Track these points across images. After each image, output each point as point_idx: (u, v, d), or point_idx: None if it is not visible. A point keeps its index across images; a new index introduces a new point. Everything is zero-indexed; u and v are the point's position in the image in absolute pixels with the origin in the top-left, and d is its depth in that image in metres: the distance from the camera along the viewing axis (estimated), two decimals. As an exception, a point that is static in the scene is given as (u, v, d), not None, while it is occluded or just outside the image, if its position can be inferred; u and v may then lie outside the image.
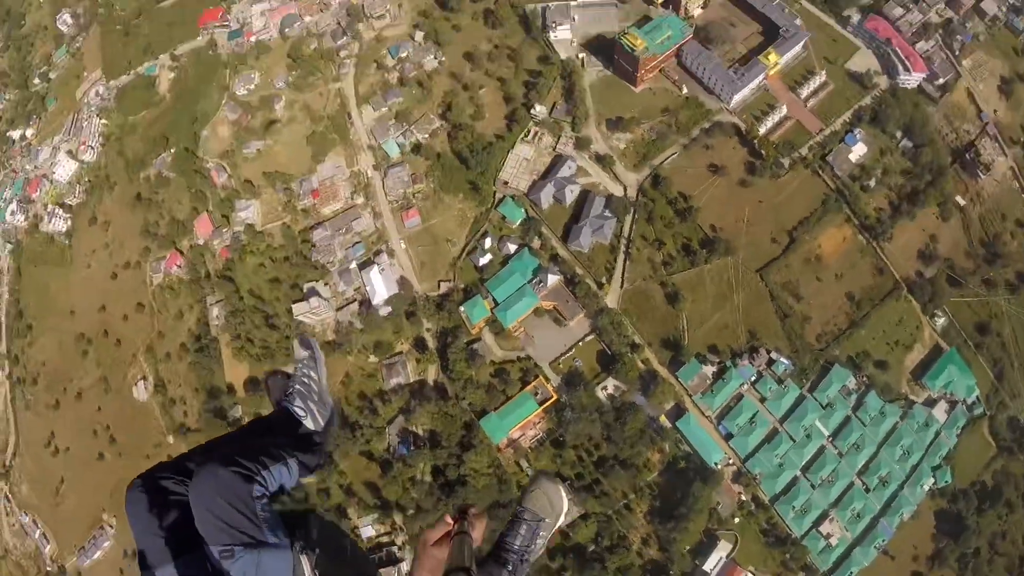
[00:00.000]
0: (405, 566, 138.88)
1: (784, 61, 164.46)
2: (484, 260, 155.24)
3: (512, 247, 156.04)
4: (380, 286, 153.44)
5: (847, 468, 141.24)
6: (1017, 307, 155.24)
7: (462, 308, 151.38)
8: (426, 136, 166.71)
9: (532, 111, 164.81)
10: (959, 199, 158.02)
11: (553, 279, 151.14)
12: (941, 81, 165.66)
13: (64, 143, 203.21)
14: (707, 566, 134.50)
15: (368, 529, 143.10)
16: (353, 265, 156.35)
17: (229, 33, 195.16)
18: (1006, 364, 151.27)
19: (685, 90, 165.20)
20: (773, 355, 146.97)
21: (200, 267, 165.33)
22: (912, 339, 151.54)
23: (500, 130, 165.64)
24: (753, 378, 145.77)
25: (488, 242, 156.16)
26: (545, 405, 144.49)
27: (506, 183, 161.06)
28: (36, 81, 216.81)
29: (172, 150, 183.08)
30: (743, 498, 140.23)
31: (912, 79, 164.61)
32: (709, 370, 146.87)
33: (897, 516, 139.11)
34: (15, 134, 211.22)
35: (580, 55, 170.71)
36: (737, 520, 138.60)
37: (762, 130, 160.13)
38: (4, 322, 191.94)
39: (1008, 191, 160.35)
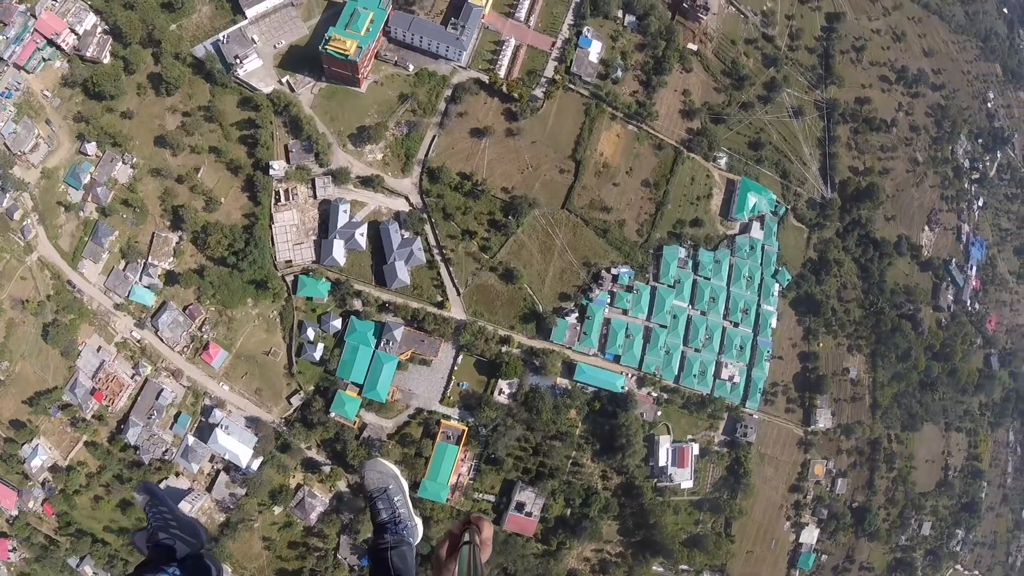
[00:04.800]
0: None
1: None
2: (319, 352, 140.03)
3: (337, 324, 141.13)
4: (232, 443, 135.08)
5: (715, 319, 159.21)
6: (774, 112, 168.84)
7: (332, 413, 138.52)
8: (171, 260, 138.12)
9: (271, 170, 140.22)
10: (691, 46, 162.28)
11: (398, 330, 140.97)
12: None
13: None
14: (662, 462, 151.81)
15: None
16: (191, 440, 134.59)
17: None
18: (784, 162, 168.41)
19: (412, 67, 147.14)
20: (613, 271, 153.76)
21: (36, 538, 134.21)
22: (708, 188, 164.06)
23: (246, 209, 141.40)
24: (608, 300, 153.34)
25: (310, 332, 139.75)
26: (462, 441, 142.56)
27: (289, 262, 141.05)
28: None
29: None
30: (654, 395, 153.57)
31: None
32: (572, 318, 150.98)
33: (768, 328, 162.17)
34: None
35: (284, 79, 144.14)
36: (660, 414, 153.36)
37: (502, 72, 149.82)
38: None
39: (727, 19, 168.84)
